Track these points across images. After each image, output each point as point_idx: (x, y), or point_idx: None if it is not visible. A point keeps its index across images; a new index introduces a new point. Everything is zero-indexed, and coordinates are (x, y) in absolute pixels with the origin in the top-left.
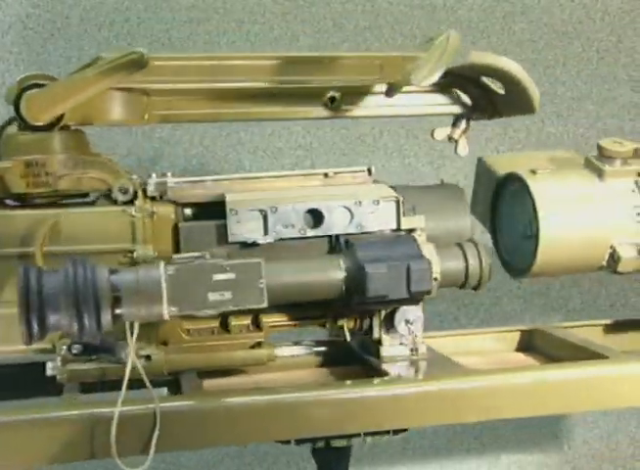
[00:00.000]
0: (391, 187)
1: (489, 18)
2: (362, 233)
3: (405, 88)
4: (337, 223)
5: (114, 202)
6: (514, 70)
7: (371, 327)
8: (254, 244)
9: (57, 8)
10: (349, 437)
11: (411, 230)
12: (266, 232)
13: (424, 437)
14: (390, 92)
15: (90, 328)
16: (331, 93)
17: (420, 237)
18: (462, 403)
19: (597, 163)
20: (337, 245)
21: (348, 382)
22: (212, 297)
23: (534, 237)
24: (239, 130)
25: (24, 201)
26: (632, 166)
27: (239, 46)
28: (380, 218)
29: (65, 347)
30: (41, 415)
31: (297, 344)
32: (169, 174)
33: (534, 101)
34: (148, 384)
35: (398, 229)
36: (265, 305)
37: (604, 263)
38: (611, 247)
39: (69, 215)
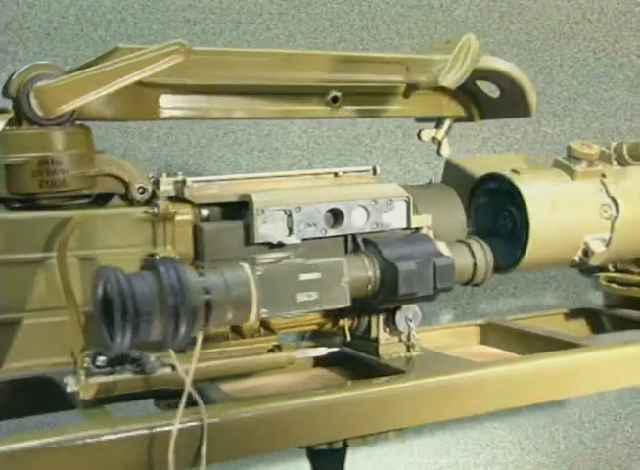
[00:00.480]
0: None
1: (486, 18)
2: (378, 232)
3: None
4: (355, 222)
5: (131, 202)
6: (515, 75)
7: (369, 326)
8: (280, 244)
9: (53, 7)
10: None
11: (418, 229)
12: (291, 232)
13: (420, 436)
14: (409, 93)
15: (184, 335)
16: (333, 93)
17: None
18: (476, 395)
19: (568, 163)
20: (354, 244)
21: (379, 380)
22: (300, 297)
23: (520, 234)
24: (235, 131)
25: (32, 202)
26: (598, 168)
27: (235, 46)
28: (393, 217)
29: (89, 359)
30: (90, 435)
31: (313, 346)
32: (180, 174)
33: (531, 104)
34: (198, 398)
35: (408, 228)
36: (349, 304)
37: (576, 258)
38: (584, 242)
39: (90, 217)
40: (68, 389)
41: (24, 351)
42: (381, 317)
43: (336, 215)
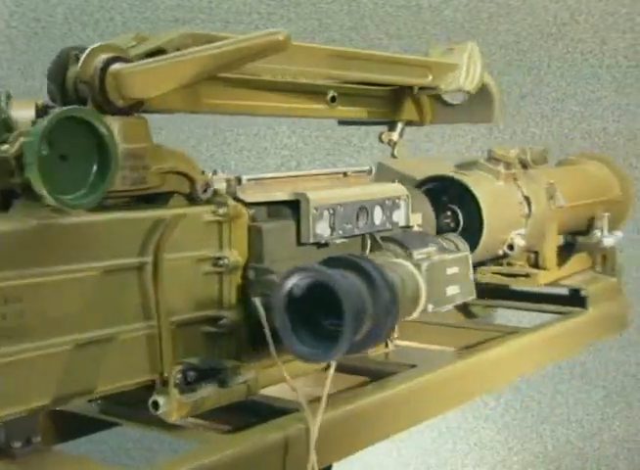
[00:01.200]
0: None
1: (474, 19)
2: (389, 230)
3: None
4: (375, 221)
5: (193, 201)
6: (487, 80)
7: None
8: (325, 244)
9: (41, 6)
10: None
11: (409, 227)
12: (332, 231)
13: (409, 437)
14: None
15: (388, 333)
16: (331, 92)
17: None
18: (463, 387)
19: (491, 166)
20: (373, 241)
21: (402, 376)
22: (450, 291)
23: (471, 231)
24: (224, 130)
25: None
26: (514, 170)
27: None
28: (399, 215)
29: (180, 375)
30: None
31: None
32: (219, 171)
33: (496, 112)
34: (304, 402)
35: (407, 225)
36: (475, 296)
37: (501, 252)
38: (511, 237)
39: (182, 218)
40: (161, 410)
41: (115, 370)
42: None
43: (359, 214)
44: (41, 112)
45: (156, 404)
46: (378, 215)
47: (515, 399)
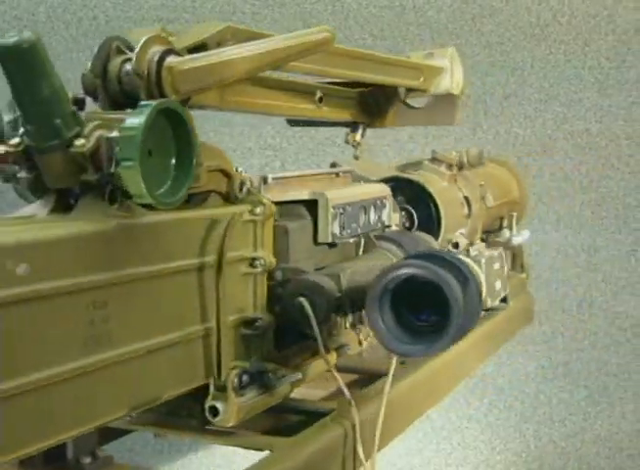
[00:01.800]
0: None
1: (458, 19)
2: (379, 229)
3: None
4: (371, 220)
5: (228, 200)
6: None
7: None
8: (334, 243)
9: (23, 5)
10: None
11: (389, 226)
12: (342, 231)
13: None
14: (406, 96)
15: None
16: (319, 92)
17: None
18: (440, 382)
19: (435, 167)
20: (368, 240)
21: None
22: (497, 286)
23: (424, 230)
24: (208, 131)
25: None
26: (453, 171)
27: None
28: (386, 215)
29: (236, 379)
30: None
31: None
32: (241, 169)
33: (457, 114)
34: (349, 397)
35: (388, 225)
36: (507, 291)
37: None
38: (456, 236)
39: (233, 217)
40: (220, 416)
41: (177, 375)
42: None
43: (361, 214)
44: (79, 105)
45: (215, 410)
46: (372, 215)
47: (498, 399)
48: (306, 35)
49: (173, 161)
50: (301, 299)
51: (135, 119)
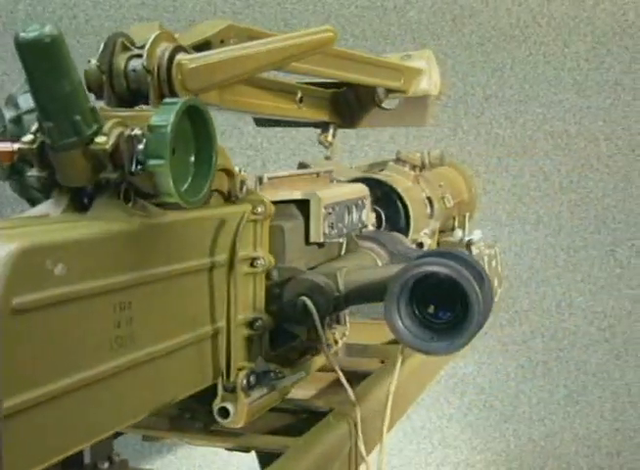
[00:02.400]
0: None
1: (439, 20)
2: (360, 229)
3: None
4: (353, 220)
5: (228, 199)
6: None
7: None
8: (322, 243)
9: (1, 3)
10: None
11: (366, 226)
12: (331, 230)
13: None
14: (384, 97)
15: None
16: (299, 93)
17: None
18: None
19: (400, 167)
20: (350, 240)
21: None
22: (495, 284)
23: (392, 230)
24: None
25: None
26: (416, 172)
27: None
28: (365, 215)
29: (245, 380)
30: None
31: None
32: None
33: (429, 116)
34: (352, 396)
35: (366, 225)
36: (502, 289)
37: None
38: (421, 236)
39: (243, 216)
40: (231, 418)
41: (189, 376)
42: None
43: (345, 214)
44: None
45: (225, 412)
46: (354, 215)
47: (478, 398)
48: (311, 34)
49: (192, 158)
50: (304, 298)
51: (164, 117)
